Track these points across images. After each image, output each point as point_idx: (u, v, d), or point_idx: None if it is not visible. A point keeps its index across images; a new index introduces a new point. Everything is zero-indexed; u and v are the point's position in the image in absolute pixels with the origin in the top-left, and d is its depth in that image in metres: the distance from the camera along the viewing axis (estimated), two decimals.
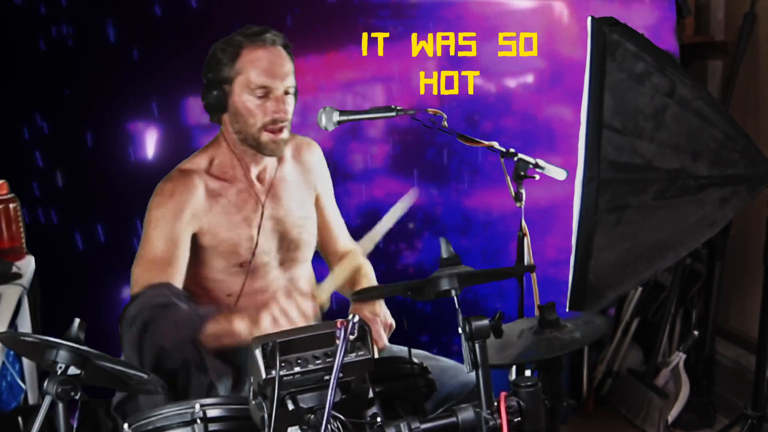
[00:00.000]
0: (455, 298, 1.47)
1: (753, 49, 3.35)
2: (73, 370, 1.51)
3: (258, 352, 1.40)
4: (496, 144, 2.19)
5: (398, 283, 1.59)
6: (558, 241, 3.02)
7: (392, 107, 2.16)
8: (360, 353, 1.47)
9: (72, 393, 1.50)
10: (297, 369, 1.42)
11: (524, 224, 2.18)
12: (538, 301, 2.21)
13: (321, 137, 2.43)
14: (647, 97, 2.35)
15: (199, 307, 1.93)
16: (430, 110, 2.15)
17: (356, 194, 3.04)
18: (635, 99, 2.35)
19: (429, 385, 1.76)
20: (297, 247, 2.20)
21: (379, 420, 1.51)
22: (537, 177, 2.17)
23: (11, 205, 2.58)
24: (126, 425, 1.56)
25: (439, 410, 1.53)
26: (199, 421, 1.52)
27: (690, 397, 3.22)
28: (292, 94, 2.09)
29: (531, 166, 2.15)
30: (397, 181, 3.08)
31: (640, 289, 3.38)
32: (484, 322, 1.42)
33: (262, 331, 1.68)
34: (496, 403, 1.44)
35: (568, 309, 2.41)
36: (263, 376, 1.39)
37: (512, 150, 2.17)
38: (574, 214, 2.39)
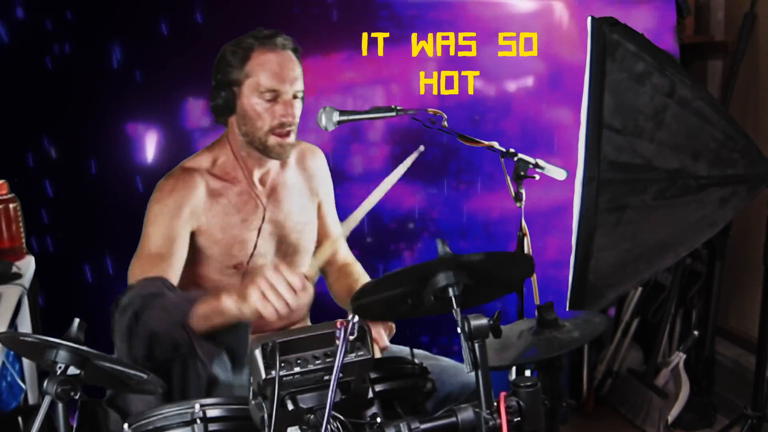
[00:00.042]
0: (453, 298, 1.47)
1: (753, 49, 3.34)
2: (72, 370, 1.52)
3: (258, 353, 1.40)
4: (496, 144, 2.18)
5: (393, 272, 1.53)
6: (558, 242, 3.02)
7: (392, 107, 2.15)
8: (360, 353, 1.47)
9: (71, 393, 1.51)
10: (297, 369, 1.43)
11: (524, 224, 2.18)
12: (538, 301, 2.21)
13: (320, 139, 2.42)
14: (647, 97, 2.35)
15: (188, 292, 1.93)
16: (430, 110, 2.14)
17: (356, 196, 3.03)
18: (635, 99, 2.35)
19: (429, 386, 1.76)
20: (295, 252, 2.20)
21: (379, 420, 1.51)
22: (537, 177, 2.17)
23: (11, 205, 2.57)
24: (126, 425, 1.57)
25: (440, 411, 1.52)
26: (198, 421, 1.52)
27: (690, 397, 3.22)
28: (300, 98, 2.09)
29: (531, 166, 2.15)
30: (396, 184, 3.06)
31: (640, 289, 3.37)
32: (483, 322, 1.42)
33: (251, 307, 1.67)
34: (495, 403, 1.44)
35: (568, 309, 2.41)
36: (263, 376, 1.40)
37: (512, 150, 2.16)
38: (574, 214, 2.39)
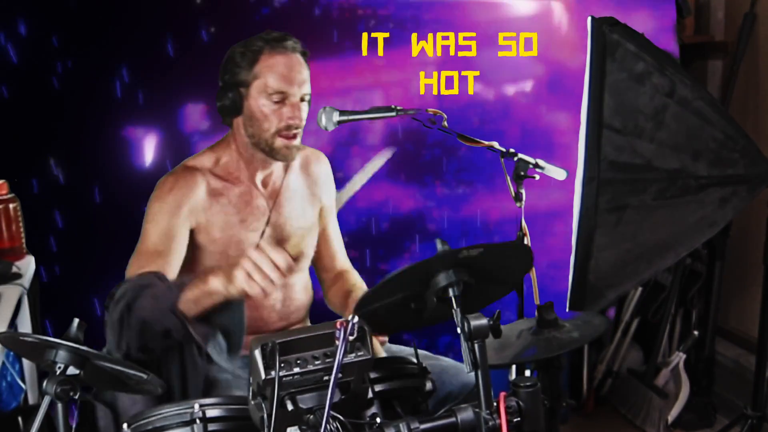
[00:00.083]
0: (453, 298, 1.46)
1: (753, 49, 3.34)
2: (72, 370, 1.52)
3: (257, 353, 1.40)
4: (496, 144, 2.18)
5: (395, 272, 1.50)
6: (558, 242, 3.02)
7: (392, 107, 2.15)
8: (359, 353, 1.47)
9: (71, 393, 1.51)
10: (296, 369, 1.43)
11: (524, 224, 2.18)
12: (538, 301, 2.21)
13: (319, 140, 2.42)
14: (647, 97, 2.35)
15: (177, 279, 1.94)
16: (430, 110, 2.14)
17: (355, 198, 3.02)
18: (635, 99, 2.35)
19: (429, 385, 1.75)
20: (294, 256, 2.19)
21: (379, 420, 1.51)
22: (537, 177, 2.17)
23: (11, 205, 2.57)
24: (126, 425, 1.57)
25: (439, 410, 1.52)
26: (198, 421, 1.53)
27: (690, 397, 3.22)
28: (307, 101, 2.10)
29: (531, 166, 2.14)
30: (396, 186, 3.07)
31: (640, 289, 3.37)
32: (483, 322, 1.42)
33: (237, 287, 1.71)
34: (495, 403, 1.44)
35: (568, 309, 2.41)
36: (263, 376, 1.39)
37: (512, 150, 2.16)
38: (574, 214, 2.39)
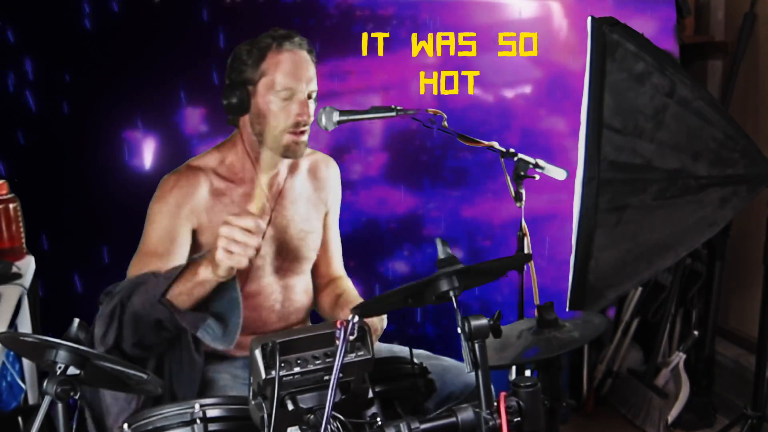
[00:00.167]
0: (453, 299, 1.47)
1: (753, 49, 3.34)
2: (72, 370, 1.52)
3: (258, 353, 1.40)
4: (496, 144, 2.18)
5: (395, 290, 1.49)
6: (558, 241, 3.02)
7: (392, 107, 2.15)
8: (359, 353, 1.47)
9: (71, 393, 1.51)
10: (297, 369, 1.43)
11: (524, 224, 2.18)
12: (538, 301, 2.21)
13: (318, 144, 2.41)
14: (647, 97, 2.35)
15: (166, 271, 1.91)
16: (430, 110, 2.14)
17: (353, 201, 3.02)
18: (635, 99, 2.35)
19: (429, 386, 1.76)
20: (295, 259, 2.18)
21: (379, 420, 1.51)
22: (537, 177, 2.17)
23: (11, 205, 2.57)
24: (126, 425, 1.57)
25: (439, 410, 1.52)
26: (198, 421, 1.53)
27: (690, 397, 3.22)
28: (314, 98, 2.09)
29: (531, 166, 2.14)
30: (394, 188, 3.08)
31: (640, 289, 3.37)
32: (483, 322, 1.42)
33: (223, 267, 1.71)
34: (495, 403, 1.44)
35: (568, 309, 2.41)
36: (263, 376, 1.40)
37: (512, 150, 2.16)
38: (574, 214, 2.39)
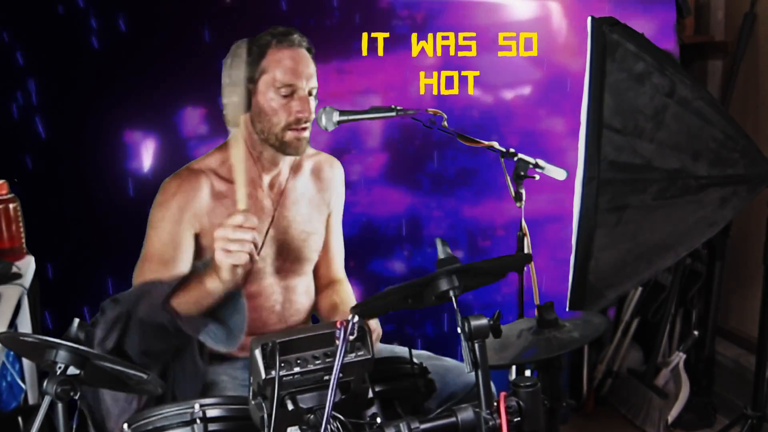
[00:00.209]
0: (453, 299, 1.46)
1: (753, 49, 3.34)
2: (72, 370, 1.52)
3: (258, 353, 1.40)
4: (496, 144, 2.18)
5: (394, 288, 1.48)
6: (557, 241, 3.02)
7: (392, 107, 2.14)
8: (359, 353, 1.47)
9: (71, 393, 1.51)
10: (297, 369, 1.43)
11: (524, 224, 2.18)
12: (538, 301, 2.21)
13: (318, 142, 2.41)
14: (647, 97, 2.35)
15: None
16: (430, 110, 2.14)
17: (353, 202, 3.01)
18: (635, 99, 2.35)
19: (428, 386, 1.76)
20: (296, 260, 2.18)
21: (379, 420, 1.51)
22: (537, 177, 2.17)
23: (11, 205, 2.57)
24: (126, 425, 1.57)
25: (439, 410, 1.52)
26: (198, 421, 1.52)
27: (690, 397, 3.22)
28: (314, 95, 2.09)
29: (531, 166, 2.14)
30: (394, 189, 3.08)
31: (640, 289, 3.37)
32: (483, 322, 1.42)
33: (223, 267, 1.73)
34: (495, 403, 1.44)
35: (568, 309, 2.41)
36: (263, 376, 1.40)
37: (512, 150, 2.16)
38: (574, 214, 2.39)
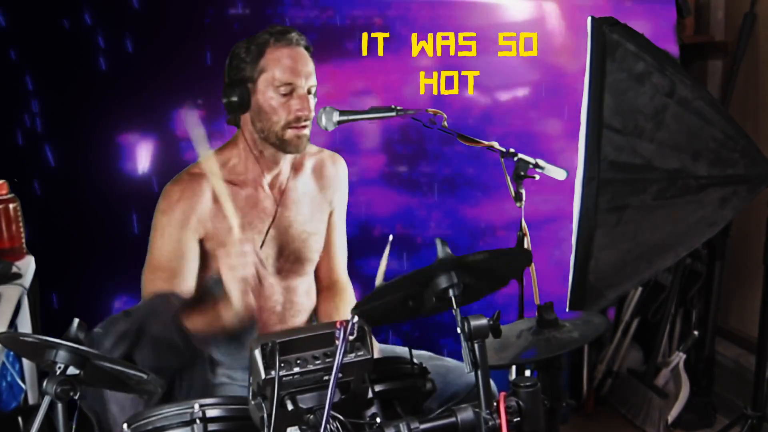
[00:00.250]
0: (453, 299, 1.46)
1: (753, 49, 3.34)
2: (72, 370, 1.52)
3: (258, 353, 1.40)
4: (496, 144, 2.17)
5: (393, 281, 1.49)
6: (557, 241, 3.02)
7: (392, 107, 2.14)
8: (359, 353, 1.47)
9: (71, 393, 1.51)
10: (296, 369, 1.43)
11: (524, 224, 2.17)
12: (538, 301, 2.21)
13: (317, 143, 2.41)
14: (647, 97, 2.35)
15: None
16: (431, 110, 2.14)
17: (352, 202, 3.00)
18: (635, 99, 2.35)
19: (428, 386, 1.75)
20: (297, 260, 2.18)
21: (379, 420, 1.51)
22: (537, 177, 2.17)
23: (11, 205, 2.57)
24: (125, 425, 1.57)
25: (439, 410, 1.52)
26: (198, 421, 1.52)
27: (690, 397, 3.21)
28: (313, 93, 2.10)
29: (531, 166, 2.14)
30: (394, 189, 3.07)
31: (640, 289, 3.37)
32: (483, 322, 1.42)
33: (240, 297, 1.77)
34: (495, 403, 1.44)
35: (568, 309, 2.41)
36: (263, 376, 1.40)
37: (512, 150, 2.16)
38: (574, 214, 2.39)
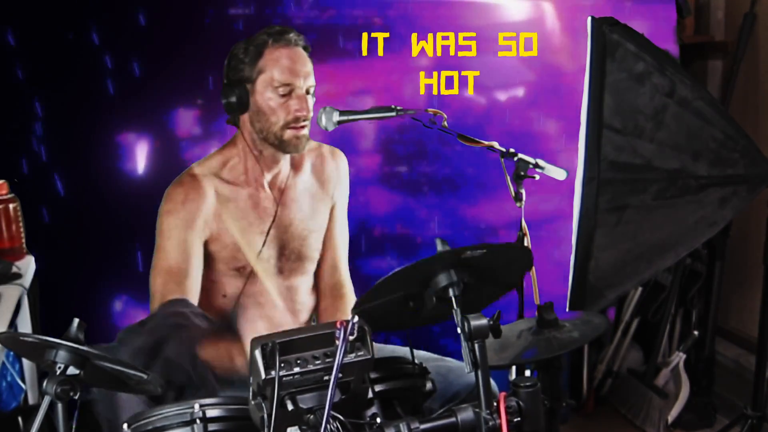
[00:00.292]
0: (453, 298, 1.46)
1: (753, 49, 3.34)
2: (72, 370, 1.52)
3: (258, 353, 1.40)
4: (496, 144, 2.17)
5: (391, 274, 1.50)
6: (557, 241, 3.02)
7: (392, 107, 2.14)
8: (359, 353, 1.47)
9: (71, 393, 1.51)
10: (296, 369, 1.42)
11: (524, 224, 2.17)
12: (538, 301, 2.21)
13: None
14: (647, 97, 2.35)
15: (204, 324, 1.92)
16: (431, 110, 2.14)
17: (350, 203, 3.00)
18: (635, 99, 2.35)
19: (429, 386, 1.75)
20: (297, 259, 2.19)
21: (379, 420, 1.51)
22: (537, 177, 2.17)
23: (11, 205, 2.57)
24: (125, 425, 1.57)
25: (440, 410, 1.52)
26: (198, 421, 1.52)
27: (690, 397, 3.21)
28: (312, 94, 2.11)
29: (531, 166, 2.14)
30: (394, 189, 3.07)
31: (640, 289, 3.37)
32: (483, 322, 1.42)
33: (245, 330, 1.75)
34: (495, 403, 1.43)
35: (568, 309, 2.41)
36: (263, 376, 1.39)
37: (512, 150, 2.16)
38: (574, 214, 2.39)
